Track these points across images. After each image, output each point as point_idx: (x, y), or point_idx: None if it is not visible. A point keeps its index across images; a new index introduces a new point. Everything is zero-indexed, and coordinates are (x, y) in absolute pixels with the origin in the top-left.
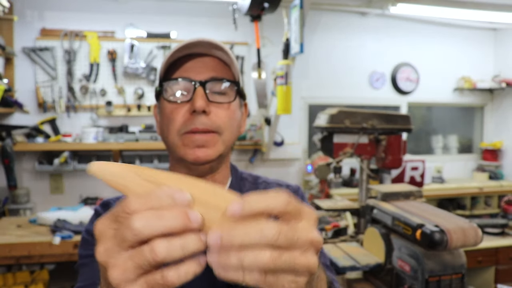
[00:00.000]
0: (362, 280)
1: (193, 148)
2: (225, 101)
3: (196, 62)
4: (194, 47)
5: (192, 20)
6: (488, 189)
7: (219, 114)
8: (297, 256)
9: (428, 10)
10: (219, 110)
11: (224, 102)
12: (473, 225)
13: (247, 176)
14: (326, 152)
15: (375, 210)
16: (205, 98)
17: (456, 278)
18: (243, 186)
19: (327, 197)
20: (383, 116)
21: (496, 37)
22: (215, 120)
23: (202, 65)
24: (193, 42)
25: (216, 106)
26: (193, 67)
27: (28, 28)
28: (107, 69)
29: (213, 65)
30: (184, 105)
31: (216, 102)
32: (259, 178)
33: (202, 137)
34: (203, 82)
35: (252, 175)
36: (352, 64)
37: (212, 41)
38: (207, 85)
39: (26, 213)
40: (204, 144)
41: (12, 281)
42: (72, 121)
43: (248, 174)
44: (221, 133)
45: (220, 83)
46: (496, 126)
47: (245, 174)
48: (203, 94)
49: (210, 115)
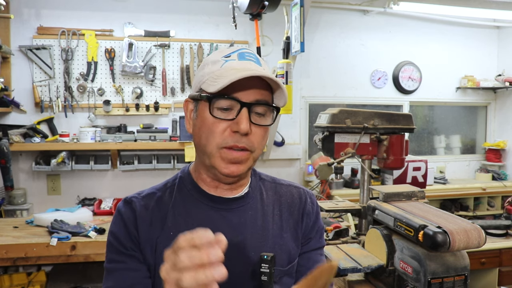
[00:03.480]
0: (364, 282)
1: (228, 164)
2: (265, 124)
3: (245, 82)
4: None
5: (191, 18)
6: (491, 189)
7: (256, 136)
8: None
9: (430, 8)
10: (258, 131)
11: (264, 125)
12: (476, 226)
13: (265, 176)
14: (327, 152)
15: (376, 211)
16: (249, 120)
17: (459, 280)
18: (262, 187)
19: (328, 197)
20: (385, 116)
21: (499, 35)
22: (253, 140)
23: (250, 86)
24: (248, 76)
25: (255, 127)
26: (241, 86)
27: (25, 27)
28: (105, 68)
29: (259, 87)
30: (227, 121)
31: (257, 125)
32: (276, 179)
33: (238, 155)
34: (249, 104)
35: (269, 176)
36: (354, 63)
37: (268, 75)
38: (251, 107)
39: (23, 214)
40: (239, 161)
41: (9, 283)
42: (70, 121)
43: (265, 175)
44: (253, 151)
45: (262, 107)
46: (500, 125)
47: (263, 175)
48: (247, 116)
49: (250, 135)
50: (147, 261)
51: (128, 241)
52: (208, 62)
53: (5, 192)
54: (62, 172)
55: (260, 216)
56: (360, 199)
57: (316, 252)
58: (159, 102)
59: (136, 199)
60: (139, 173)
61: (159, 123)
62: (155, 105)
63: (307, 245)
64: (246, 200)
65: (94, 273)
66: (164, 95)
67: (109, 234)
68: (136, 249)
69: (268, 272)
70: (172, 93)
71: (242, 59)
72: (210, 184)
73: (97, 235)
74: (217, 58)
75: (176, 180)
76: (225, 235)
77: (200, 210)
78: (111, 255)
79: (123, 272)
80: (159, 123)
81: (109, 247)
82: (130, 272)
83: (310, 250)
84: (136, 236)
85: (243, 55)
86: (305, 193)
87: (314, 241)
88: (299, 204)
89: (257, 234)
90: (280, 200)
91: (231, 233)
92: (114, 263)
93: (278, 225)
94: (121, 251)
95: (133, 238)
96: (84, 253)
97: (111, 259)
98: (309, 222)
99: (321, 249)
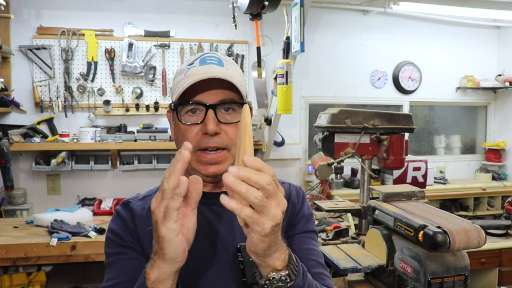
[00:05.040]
0: (364, 282)
1: (206, 165)
2: (234, 120)
3: (207, 85)
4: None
5: (191, 18)
6: (491, 189)
7: (228, 133)
8: (273, 204)
9: (430, 8)
10: (228, 128)
11: (233, 122)
12: (476, 226)
13: None
14: (327, 152)
15: (376, 211)
16: (216, 121)
17: (459, 280)
18: None
19: (328, 197)
20: (385, 116)
21: (499, 35)
22: (225, 138)
23: (212, 88)
24: (205, 79)
25: (226, 126)
26: (204, 89)
27: (25, 27)
28: (105, 68)
29: (222, 87)
30: (197, 125)
31: (225, 123)
32: None
33: (214, 157)
34: (213, 105)
35: None
36: (354, 63)
37: (222, 77)
38: (217, 108)
39: (23, 214)
40: (216, 162)
41: (9, 283)
42: (70, 121)
43: None
44: (230, 149)
45: (229, 105)
46: (500, 125)
47: None
48: (214, 117)
49: (221, 134)
50: (146, 255)
51: (128, 235)
52: (177, 73)
53: (5, 192)
54: (62, 172)
55: None
56: (360, 199)
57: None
58: (159, 102)
59: (133, 200)
60: (139, 173)
61: (159, 123)
62: (155, 105)
63: (293, 229)
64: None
65: (94, 273)
66: (164, 95)
67: (107, 232)
68: (135, 242)
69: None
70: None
71: (203, 63)
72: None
73: (97, 235)
74: (183, 68)
75: None
76: (215, 228)
77: None
78: (110, 249)
79: (125, 262)
80: (159, 123)
81: (108, 243)
82: (132, 261)
83: (296, 233)
84: (135, 231)
85: (204, 60)
86: (290, 187)
87: (300, 225)
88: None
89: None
90: None
91: (221, 226)
92: (115, 256)
93: None
94: (121, 244)
95: (132, 233)
96: (84, 253)
97: (111, 253)
98: (294, 210)
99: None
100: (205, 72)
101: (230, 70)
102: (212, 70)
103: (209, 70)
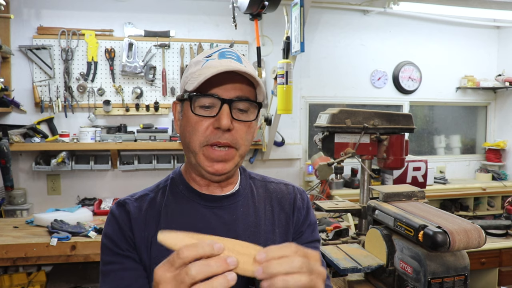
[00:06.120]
0: (364, 282)
1: (212, 162)
2: (247, 119)
3: (225, 79)
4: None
5: (191, 18)
6: (491, 189)
7: (239, 131)
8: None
9: (430, 8)
10: (240, 127)
11: (246, 121)
12: (476, 226)
13: (255, 175)
14: (327, 152)
15: (376, 211)
16: (230, 116)
17: (459, 280)
18: (253, 184)
19: (328, 197)
20: (385, 116)
21: (499, 35)
22: (236, 136)
23: (230, 82)
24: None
25: (238, 123)
26: (221, 83)
27: (25, 26)
28: (105, 68)
29: (240, 83)
30: (209, 118)
31: (239, 120)
32: (266, 177)
33: (222, 154)
34: (229, 100)
35: (259, 175)
36: (354, 63)
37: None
38: (232, 104)
39: (23, 214)
40: (223, 160)
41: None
42: (70, 121)
43: (256, 174)
44: (238, 148)
45: (244, 103)
46: (500, 125)
47: (252, 174)
48: (228, 112)
49: (232, 131)
50: (143, 262)
51: (123, 243)
52: (191, 64)
53: (5, 192)
54: (62, 172)
55: (252, 213)
56: (360, 199)
57: (309, 245)
58: (159, 102)
59: (129, 201)
60: (139, 173)
61: (159, 123)
62: (155, 105)
63: (300, 238)
64: (237, 198)
65: (94, 273)
66: (164, 95)
67: (103, 236)
68: (131, 250)
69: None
70: (172, 93)
71: (222, 57)
72: (200, 183)
73: (97, 235)
74: (199, 59)
75: (168, 181)
76: (217, 232)
77: (193, 208)
78: (106, 257)
79: (120, 273)
80: (159, 123)
81: (104, 249)
82: (127, 272)
83: (303, 243)
84: (131, 237)
85: (223, 54)
86: (295, 189)
87: (306, 234)
88: (289, 200)
89: (249, 231)
90: (271, 197)
91: (223, 230)
92: (110, 265)
93: (270, 220)
94: (116, 253)
95: (128, 240)
96: (84, 253)
97: (106, 262)
98: (300, 216)
99: (315, 242)
100: (226, 66)
101: (248, 68)
102: (232, 64)
103: (229, 64)
